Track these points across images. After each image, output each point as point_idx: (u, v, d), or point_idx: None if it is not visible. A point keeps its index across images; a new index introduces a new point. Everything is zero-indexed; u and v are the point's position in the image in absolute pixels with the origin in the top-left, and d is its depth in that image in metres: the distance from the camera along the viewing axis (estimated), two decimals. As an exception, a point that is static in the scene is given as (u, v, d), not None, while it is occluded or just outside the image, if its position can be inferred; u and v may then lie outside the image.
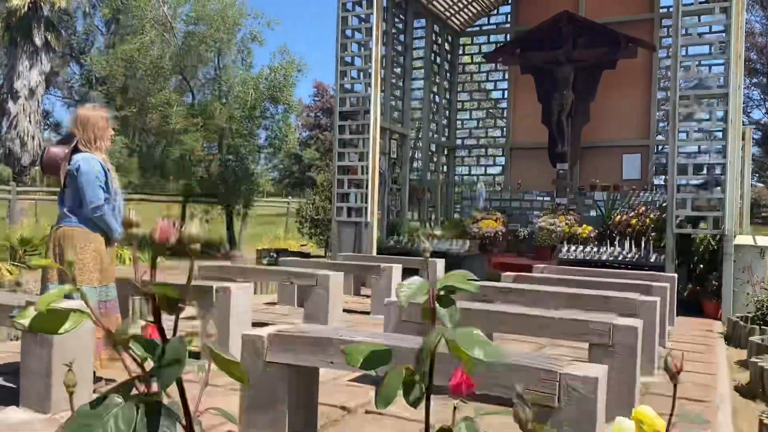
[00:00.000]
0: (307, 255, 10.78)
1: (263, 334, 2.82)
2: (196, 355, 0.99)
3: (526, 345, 5.21)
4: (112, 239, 3.90)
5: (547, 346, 5.48)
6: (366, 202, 9.35)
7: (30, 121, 23.45)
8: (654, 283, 5.76)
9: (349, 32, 9.76)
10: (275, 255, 9.46)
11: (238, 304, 4.63)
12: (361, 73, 9.70)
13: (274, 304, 7.57)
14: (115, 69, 13.75)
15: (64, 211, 3.81)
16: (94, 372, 3.76)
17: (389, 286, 6.92)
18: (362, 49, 9.65)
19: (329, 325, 5.66)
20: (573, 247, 9.03)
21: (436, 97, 13.01)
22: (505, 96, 13.55)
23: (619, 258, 8.61)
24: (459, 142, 14.03)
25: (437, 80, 13.06)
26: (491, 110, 14.09)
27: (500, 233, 9.94)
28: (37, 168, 23.40)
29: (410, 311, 3.99)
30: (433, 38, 12.67)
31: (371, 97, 9.32)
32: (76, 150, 3.80)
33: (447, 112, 13.57)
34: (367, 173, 9.37)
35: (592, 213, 11.34)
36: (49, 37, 23.63)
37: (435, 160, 12.98)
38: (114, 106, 16.21)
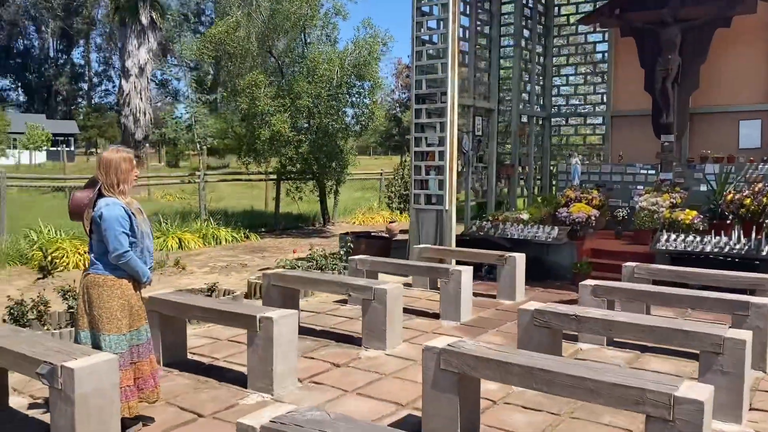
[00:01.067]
0: (387, 239, 10.57)
1: (256, 426, 2.61)
2: None
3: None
4: (142, 283, 3.84)
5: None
6: (444, 189, 8.94)
7: (141, 98, 24.71)
8: (754, 300, 5.03)
9: (426, 8, 9.22)
10: (351, 246, 9.30)
11: (281, 334, 4.48)
12: (439, 52, 9.17)
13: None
14: (204, 54, 13.95)
15: (92, 257, 3.78)
16: (127, 418, 3.76)
17: (458, 290, 6.57)
18: (440, 25, 9.10)
19: (381, 351, 5.44)
20: (673, 237, 8.18)
21: (528, 64, 12.17)
22: (606, 58, 12.46)
23: (725, 249, 7.70)
24: (554, 110, 13.14)
25: (529, 46, 12.20)
26: (591, 75, 13.03)
27: (593, 218, 9.19)
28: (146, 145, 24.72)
29: (450, 360, 3.66)
30: (524, 1, 11.78)
31: (448, 78, 8.80)
32: (100, 195, 3.74)
33: (541, 79, 12.70)
34: (444, 159, 8.93)
35: (702, 188, 10.28)
36: (154, 15, 24.60)
37: (527, 132, 12.23)
38: (205, 90, 16.69)
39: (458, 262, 8.71)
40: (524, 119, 12.24)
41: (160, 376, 4.20)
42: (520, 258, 7.71)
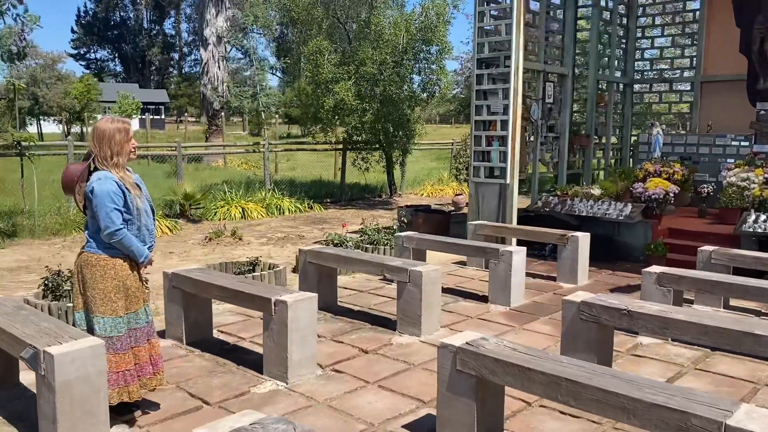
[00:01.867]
0: (446, 214, 10.06)
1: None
2: None
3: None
4: (139, 263, 3.58)
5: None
6: (506, 161, 8.33)
7: (219, 67, 24.98)
8: None
9: (490, -36, 8.51)
10: (405, 222, 8.86)
11: (297, 318, 4.16)
12: (503, 12, 8.47)
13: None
14: (270, 20, 13.73)
15: (86, 235, 3.55)
16: (127, 403, 3.55)
17: (508, 272, 6.04)
18: (505, -17, 8.38)
19: (420, 329, 5.03)
20: (763, 218, 7.25)
21: (608, 26, 11.18)
22: (697, 17, 11.27)
23: (825, 234, 6.74)
24: (637, 76, 12.08)
25: (610, 5, 11.19)
26: (680, 36, 11.84)
27: (672, 194, 8.33)
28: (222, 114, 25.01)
29: (467, 361, 3.22)
30: (605, -44, 10.77)
31: (513, 40, 8.11)
32: (95, 168, 3.49)
33: (624, 41, 11.67)
34: (507, 128, 8.30)
35: (804, 163, 9.13)
36: (231, -17, 24.62)
37: (606, 99, 11.30)
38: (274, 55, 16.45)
39: (519, 242, 8.15)
40: (603, 85, 11.31)
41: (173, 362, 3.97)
42: (583, 238, 7.06)
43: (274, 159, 20.66)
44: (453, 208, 13.74)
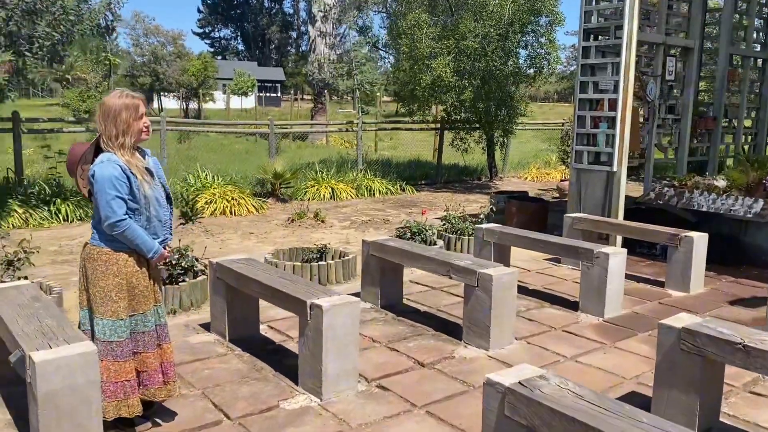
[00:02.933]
0: (543, 203, 9.10)
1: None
2: None
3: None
4: (148, 259, 3.15)
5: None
6: (613, 146, 7.32)
7: (326, 44, 24.85)
8: None
9: None
10: (494, 210, 8.06)
11: (334, 326, 3.61)
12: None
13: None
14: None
15: (91, 224, 3.16)
16: (126, 418, 3.16)
17: (603, 277, 5.16)
18: (620, -60, 7.29)
19: (488, 350, 4.34)
20: None
21: (747, -10, 9.67)
22: None
23: None
24: (781, 49, 10.41)
25: (750, -33, 9.66)
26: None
27: (816, 189, 6.98)
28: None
29: (518, 406, 2.53)
30: None
31: (626, 6, 7.04)
32: (98, 149, 3.08)
33: (765, 10, 10.08)
34: (617, 108, 7.27)
35: None
36: (340, -42, 24.30)
37: (740, 76, 9.82)
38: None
39: (625, 239, 7.17)
40: (737, 61, 9.83)
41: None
42: (700, 239, 6.00)
43: (374, 138, 20.27)
44: (558, 195, 12.70)
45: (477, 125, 14.03)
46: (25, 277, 5.12)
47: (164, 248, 3.25)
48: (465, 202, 11.90)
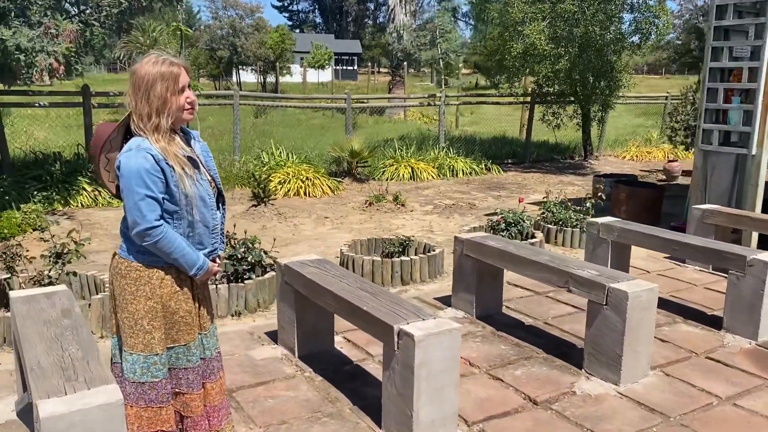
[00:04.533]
0: (659, 189, 7.90)
1: None
2: None
3: None
4: (191, 276, 2.42)
5: None
6: (753, 124, 6.12)
7: (405, 13, 23.80)
8: None
9: None
10: (603, 198, 6.98)
11: (429, 361, 2.79)
12: None
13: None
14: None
15: (120, 229, 2.45)
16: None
17: (759, 290, 4.12)
18: None
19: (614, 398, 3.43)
20: None
21: None
22: None
23: None
24: None
25: None
26: None
27: None
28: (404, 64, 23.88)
29: None
30: None
31: (777, -45, 5.79)
32: (129, 132, 2.35)
33: None
34: (758, 79, 6.05)
35: None
36: None
37: None
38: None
39: (762, 237, 6.01)
40: None
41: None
42: None
43: (454, 112, 19.20)
44: (664, 178, 11.39)
45: (572, 98, 12.79)
46: (74, 273, 4.57)
47: (214, 260, 2.52)
48: (559, 184, 10.81)
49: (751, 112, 6.18)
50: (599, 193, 6.88)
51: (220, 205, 2.54)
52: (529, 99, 13.27)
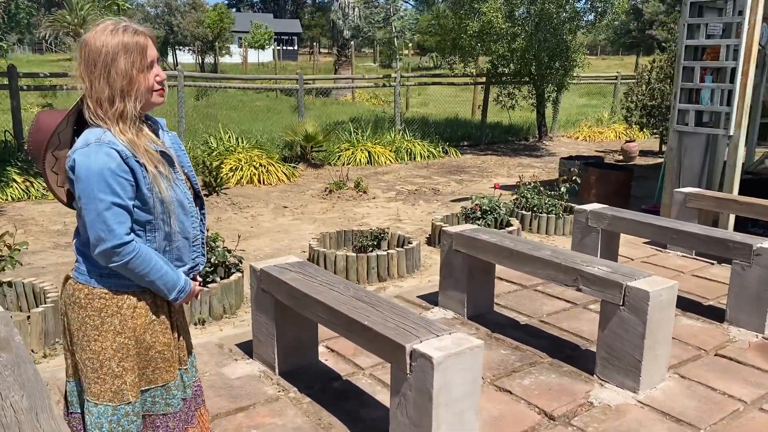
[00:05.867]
0: (628, 171, 7.72)
1: None
2: None
3: None
4: (170, 300, 1.94)
5: None
6: (730, 104, 5.95)
7: (350, -9, 23.12)
8: None
9: None
10: (578, 182, 6.74)
11: (448, 385, 2.40)
12: None
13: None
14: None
15: (74, 244, 1.94)
16: None
17: (765, 281, 3.90)
18: None
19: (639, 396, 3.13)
20: None
21: None
22: None
23: None
24: None
25: None
26: None
27: None
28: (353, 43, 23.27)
29: None
30: None
31: (757, -72, 5.59)
32: (81, 122, 1.84)
33: None
34: (737, 57, 5.88)
35: None
36: None
37: None
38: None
39: (739, 221, 5.89)
40: None
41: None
42: None
43: (404, 94, 18.79)
44: (621, 158, 11.34)
45: (527, 79, 12.57)
46: (9, 284, 3.96)
47: (194, 278, 2.04)
48: (518, 167, 10.58)
49: (723, 91, 6.03)
50: (573, 177, 6.61)
51: (199, 209, 2.05)
52: (484, 80, 12.99)
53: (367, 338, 2.66)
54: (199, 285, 2.07)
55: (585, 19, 11.53)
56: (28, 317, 3.75)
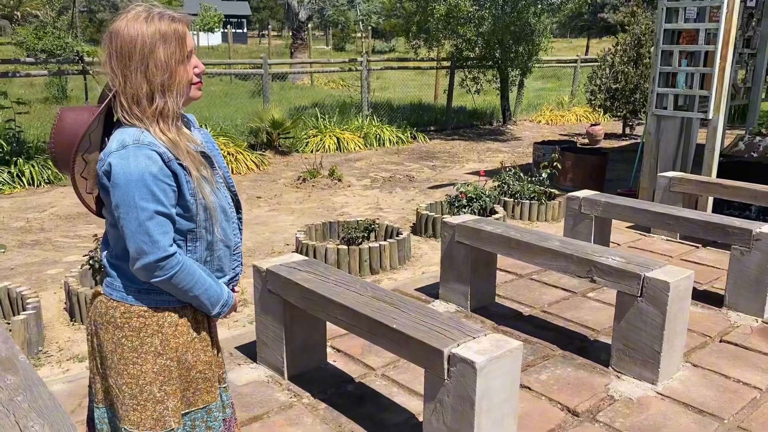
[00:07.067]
0: (603, 155, 7.77)
1: None
2: None
3: None
4: (212, 316, 1.77)
5: None
6: (708, 88, 6.02)
7: (305, -26, 22.61)
8: None
9: None
10: (557, 165, 6.69)
11: (491, 392, 2.30)
12: None
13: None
14: None
15: (104, 258, 1.75)
16: None
17: (765, 266, 3.94)
18: None
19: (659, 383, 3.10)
20: None
21: None
22: None
23: None
24: None
25: None
26: None
27: None
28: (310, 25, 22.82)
29: None
30: None
31: None
32: (110, 121, 1.64)
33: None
34: (716, 40, 5.94)
35: None
36: None
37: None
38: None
39: (716, 203, 5.98)
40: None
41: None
42: None
43: (374, 77, 18.54)
44: (587, 141, 11.45)
45: (491, 63, 12.54)
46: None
47: (233, 289, 1.88)
48: (487, 152, 10.57)
49: (696, 75, 6.08)
50: (555, 163, 6.59)
51: (239, 211, 1.88)
52: (449, 64, 12.89)
53: (396, 342, 2.53)
54: (239, 298, 1.90)
55: (550, 2, 11.53)
56: (9, 324, 3.49)
